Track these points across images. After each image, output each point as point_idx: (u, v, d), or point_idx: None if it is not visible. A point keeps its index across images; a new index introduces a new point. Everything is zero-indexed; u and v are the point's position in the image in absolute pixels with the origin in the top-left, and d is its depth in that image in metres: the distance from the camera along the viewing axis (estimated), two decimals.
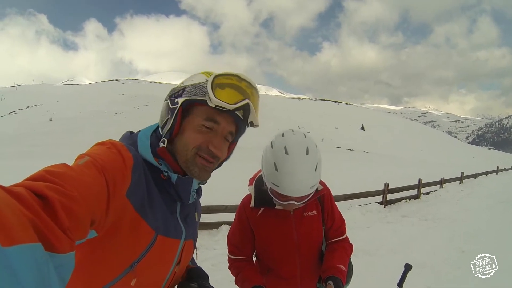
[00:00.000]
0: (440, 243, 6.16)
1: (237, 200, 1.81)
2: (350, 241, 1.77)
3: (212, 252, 5.41)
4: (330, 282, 1.45)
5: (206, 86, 0.91)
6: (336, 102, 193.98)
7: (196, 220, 1.13)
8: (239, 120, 0.97)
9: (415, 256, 5.13)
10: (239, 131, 1.04)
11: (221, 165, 1.05)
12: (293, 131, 1.51)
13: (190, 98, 0.92)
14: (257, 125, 1.01)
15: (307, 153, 1.39)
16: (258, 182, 1.67)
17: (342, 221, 1.75)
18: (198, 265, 1.25)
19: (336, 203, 1.78)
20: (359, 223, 7.70)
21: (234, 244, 1.73)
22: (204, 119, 0.93)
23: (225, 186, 7.63)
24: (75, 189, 0.62)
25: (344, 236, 1.74)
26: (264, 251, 1.69)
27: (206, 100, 0.90)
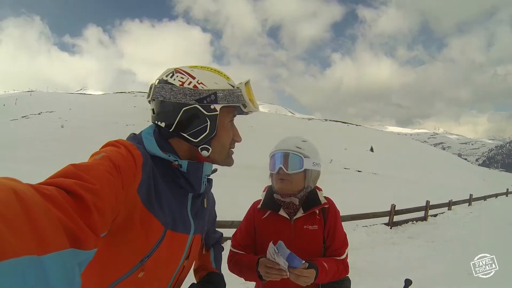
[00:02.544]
0: (447, 265, 6.09)
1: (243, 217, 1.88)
2: (352, 263, 1.75)
3: None
4: (312, 270, 1.45)
5: (241, 95, 0.99)
6: (346, 123, 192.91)
7: (205, 206, 1.13)
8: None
9: (421, 278, 5.06)
10: None
11: None
12: None
13: (228, 105, 0.99)
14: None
15: (299, 136, 1.79)
16: (270, 189, 1.79)
17: (343, 244, 1.72)
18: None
19: (342, 223, 1.80)
20: (364, 243, 7.65)
21: (237, 241, 1.80)
22: (231, 117, 1.05)
23: (231, 203, 7.68)
24: (103, 187, 0.65)
25: (341, 257, 1.69)
26: (261, 253, 1.70)
27: (238, 106, 1.01)
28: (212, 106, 0.96)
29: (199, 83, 0.96)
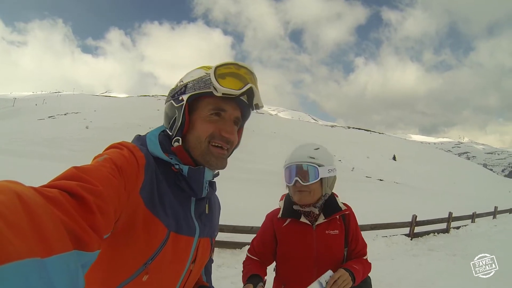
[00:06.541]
0: (467, 279, 5.94)
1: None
2: (370, 274, 1.83)
3: (233, 271, 5.50)
4: (340, 269, 1.57)
5: (210, 79, 0.94)
6: (369, 131, 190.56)
7: (206, 212, 1.08)
8: (244, 105, 1.01)
9: None
10: (244, 116, 1.08)
11: (232, 153, 1.07)
12: None
13: (195, 92, 0.96)
14: (262, 107, 1.04)
15: (311, 143, 1.82)
16: (287, 197, 1.86)
17: (364, 245, 1.84)
18: (221, 280, 1.29)
19: (361, 232, 1.89)
20: (384, 254, 7.58)
21: (254, 247, 1.89)
22: (212, 109, 0.97)
23: (252, 209, 7.73)
24: (105, 188, 0.66)
25: (366, 257, 1.83)
26: (283, 261, 1.80)
27: (211, 92, 0.94)
28: (180, 98, 0.98)
29: (179, 82, 1.02)
